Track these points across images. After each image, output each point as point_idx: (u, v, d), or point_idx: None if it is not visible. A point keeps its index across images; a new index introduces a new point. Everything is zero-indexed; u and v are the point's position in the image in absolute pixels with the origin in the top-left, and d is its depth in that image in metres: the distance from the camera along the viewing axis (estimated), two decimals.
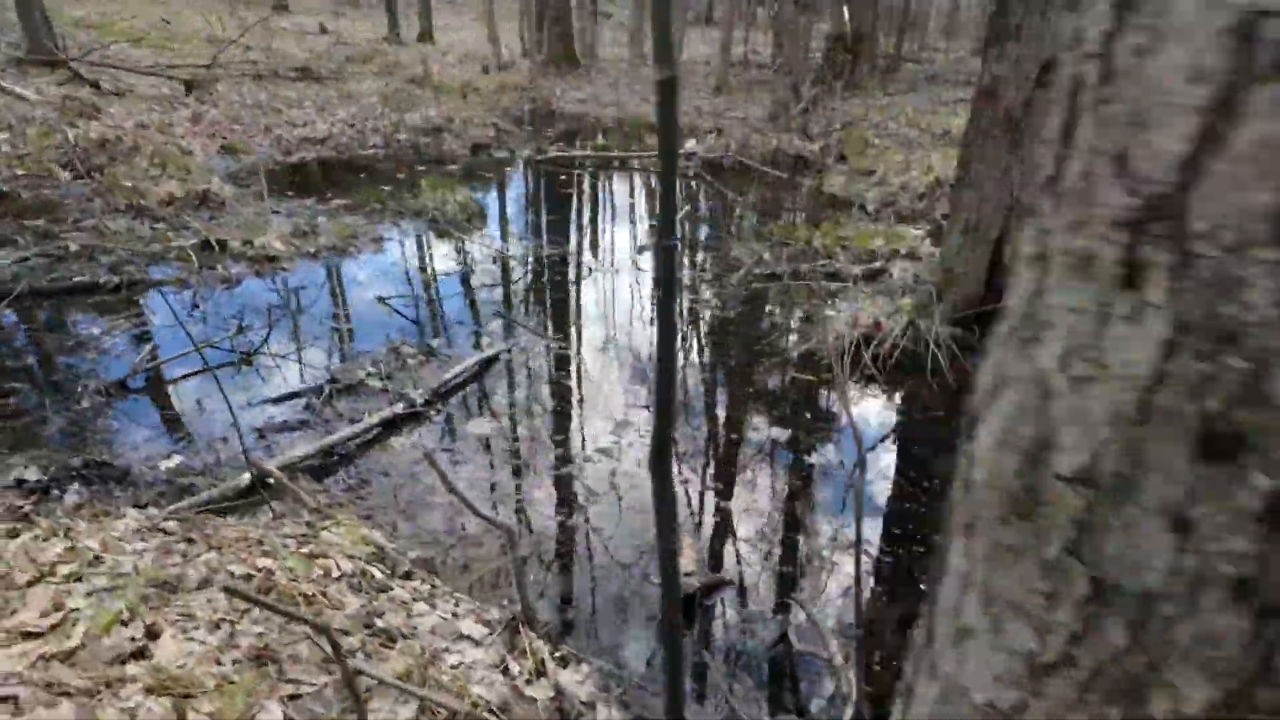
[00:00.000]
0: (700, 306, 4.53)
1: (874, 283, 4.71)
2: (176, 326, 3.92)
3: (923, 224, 6.14)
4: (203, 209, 6.04)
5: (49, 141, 7.44)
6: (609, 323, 4.25)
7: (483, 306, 4.36)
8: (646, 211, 6.67)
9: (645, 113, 12.12)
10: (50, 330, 3.87)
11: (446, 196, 5.90)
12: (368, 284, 4.61)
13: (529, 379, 3.52)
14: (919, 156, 7.33)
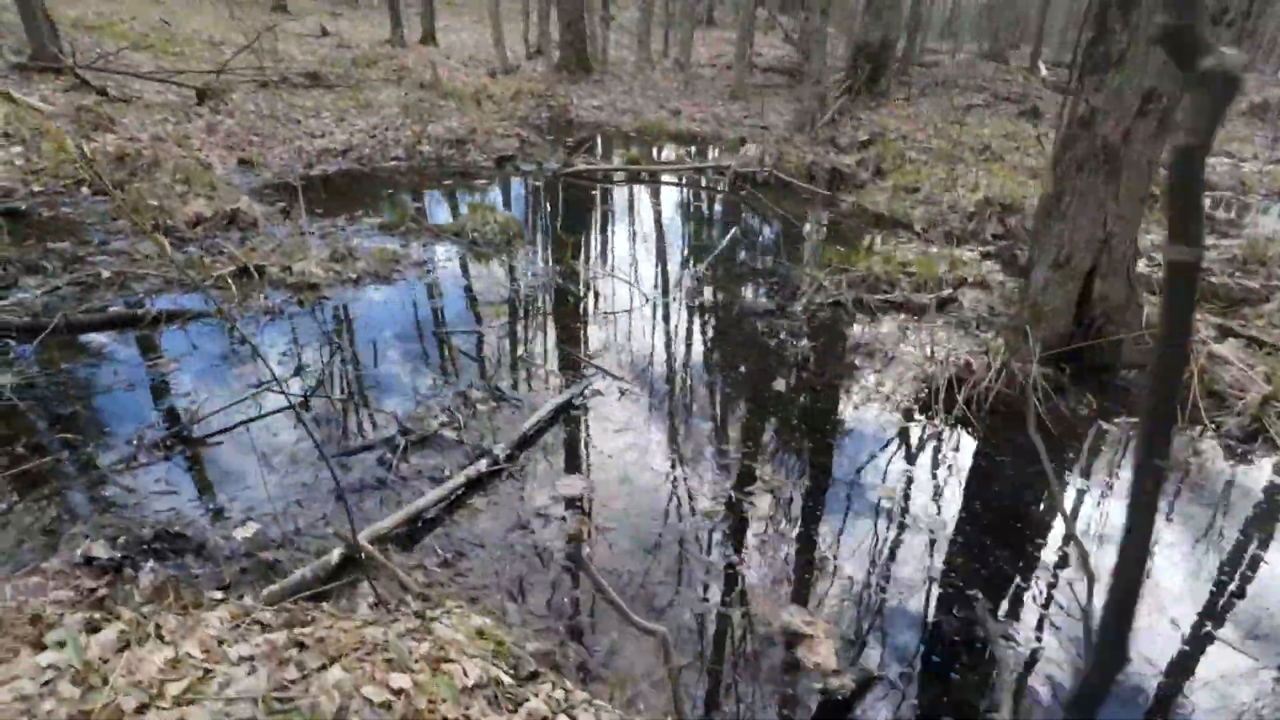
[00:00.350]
0: (769, 337, 4.35)
1: (944, 313, 4.53)
2: (224, 363, 3.72)
3: (974, 245, 5.98)
4: (232, 229, 5.82)
5: (64, 155, 7.20)
6: (681, 359, 4.05)
7: (542, 340, 4.15)
8: (690, 232, 6.48)
9: (662, 120, 11.93)
10: (91, 369, 3.65)
11: (486, 217, 5.70)
12: (419, 315, 4.40)
13: (606, 425, 3.33)
14: (962, 173, 7.16)
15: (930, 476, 3.10)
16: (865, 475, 3.07)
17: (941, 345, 3.98)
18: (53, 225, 5.79)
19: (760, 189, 7.80)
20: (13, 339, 3.93)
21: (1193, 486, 3.08)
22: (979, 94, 18.65)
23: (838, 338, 4.32)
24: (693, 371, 3.91)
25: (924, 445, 3.32)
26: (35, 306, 4.29)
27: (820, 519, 2.74)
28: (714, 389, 3.72)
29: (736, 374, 3.85)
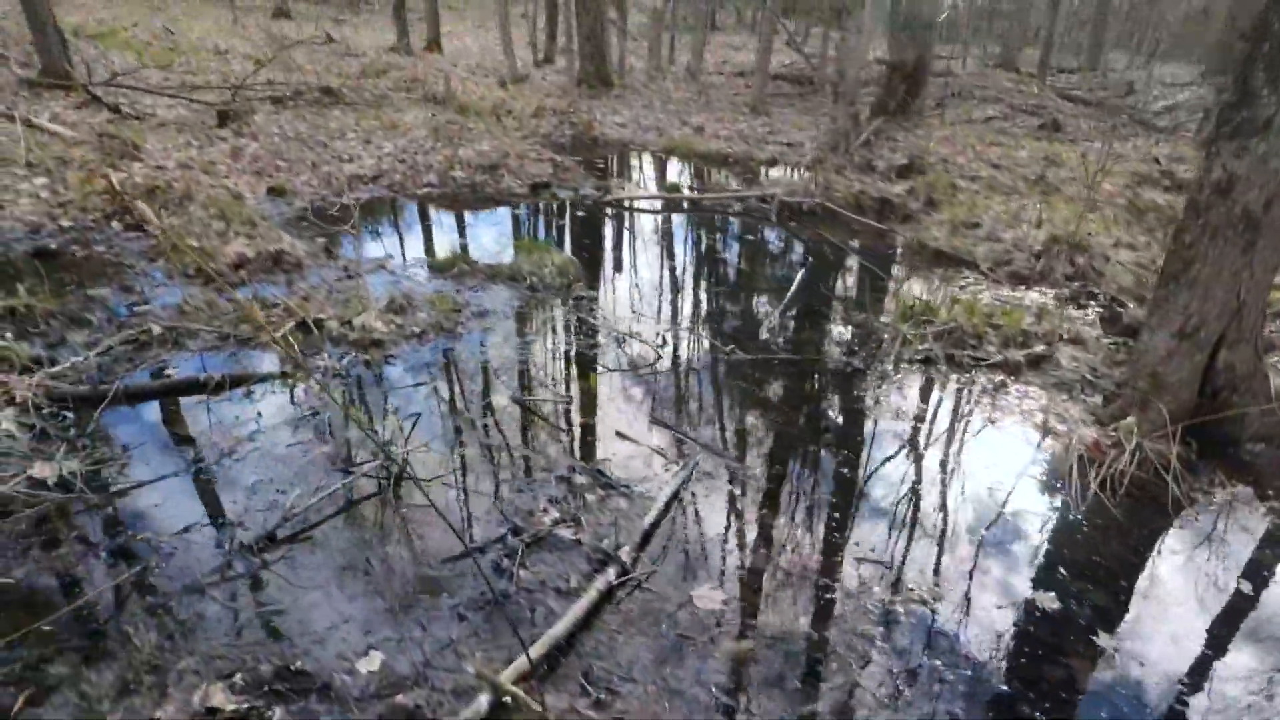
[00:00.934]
0: (863, 400, 4.14)
1: (1039, 371, 4.34)
2: (294, 433, 3.49)
3: (1045, 287, 5.80)
4: (277, 271, 5.59)
5: (91, 187, 6.95)
6: (780, 427, 3.84)
7: (634, 410, 3.93)
8: (752, 273, 6.26)
9: (688, 138, 11.72)
10: (157, 448, 3.41)
11: (543, 259, 5.47)
12: (491, 375, 4.17)
13: (722, 514, 3.11)
14: (1019, 205, 6.98)
15: (1090, 567, 2.89)
16: (1023, 569, 2.86)
17: (1055, 414, 3.78)
18: (89, 267, 5.54)
19: (807, 218, 7.60)
20: (69, 410, 3.69)
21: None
22: (994, 105, 18.55)
23: (939, 405, 4.12)
24: (794, 444, 3.69)
25: (1071, 536, 3.12)
26: (88, 368, 4.04)
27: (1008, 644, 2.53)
28: (820, 467, 3.51)
29: (843, 447, 3.64)
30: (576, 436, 3.57)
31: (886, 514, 3.15)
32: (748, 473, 3.34)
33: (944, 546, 2.96)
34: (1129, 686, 2.34)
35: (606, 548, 2.75)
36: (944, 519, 3.14)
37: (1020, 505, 3.24)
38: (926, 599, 2.60)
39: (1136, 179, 8.43)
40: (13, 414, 3.52)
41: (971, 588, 2.72)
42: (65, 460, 3.20)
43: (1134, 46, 39.61)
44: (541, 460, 3.37)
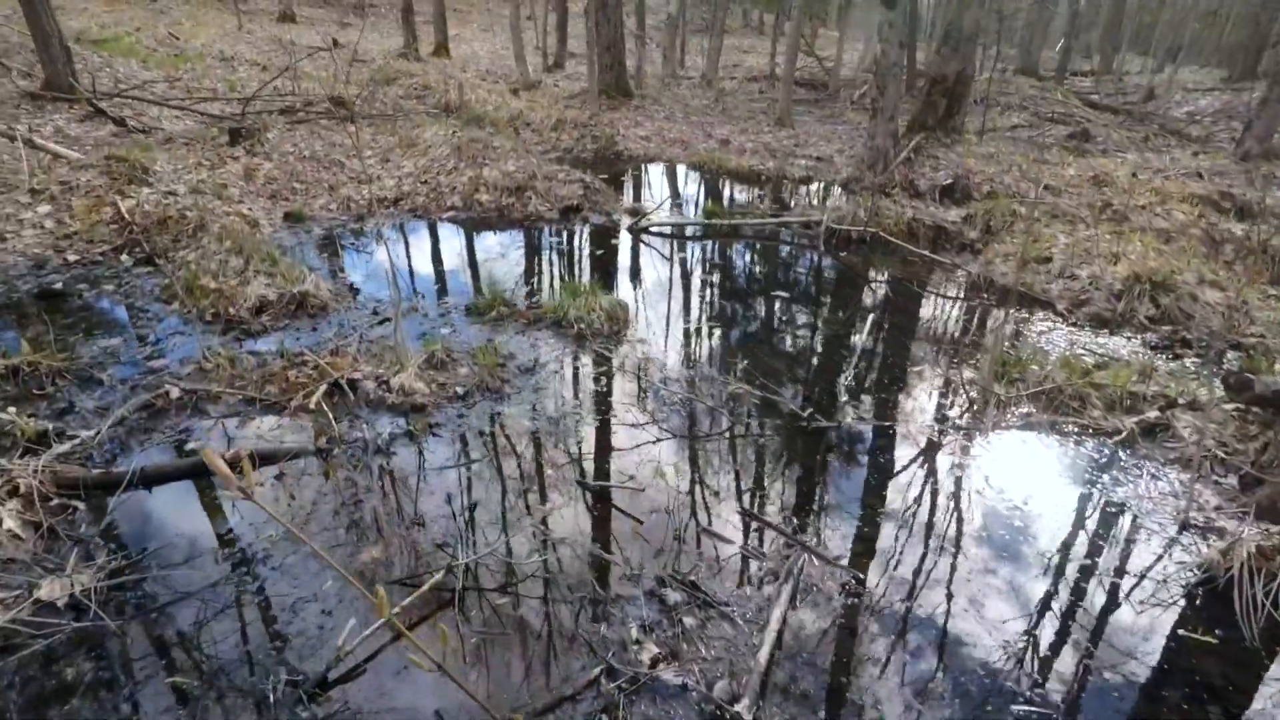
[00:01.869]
0: (965, 470, 3.71)
1: (1153, 442, 3.89)
2: (335, 520, 3.05)
3: (1130, 332, 5.36)
4: (301, 315, 5.15)
5: (98, 216, 6.51)
6: (879, 515, 3.40)
7: (715, 495, 3.49)
8: (812, 315, 5.80)
9: (714, 153, 11.28)
10: (181, 551, 2.97)
11: (590, 303, 5.03)
12: (549, 451, 3.73)
13: (849, 646, 2.67)
14: (1087, 235, 6.54)
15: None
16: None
17: (1184, 494, 3.34)
18: (98, 312, 5.10)
19: (857, 246, 7.16)
20: (80, 499, 3.25)
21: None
22: (1019, 113, 18.10)
23: (1052, 485, 3.68)
24: (894, 536, 3.26)
25: (1252, 673, 2.67)
26: (100, 442, 3.60)
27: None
28: (928, 570, 3.07)
29: (949, 540, 3.20)
30: (656, 533, 3.13)
31: (1018, 635, 2.71)
32: (857, 582, 2.90)
33: (1093, 677, 2.51)
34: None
35: (721, 696, 2.31)
36: (1091, 641, 2.70)
37: (1169, 621, 2.80)
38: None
39: (1198, 201, 7.98)
40: (16, 509, 3.08)
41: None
42: (78, 573, 2.76)
43: (1150, 48, 39.18)
44: (623, 567, 2.93)
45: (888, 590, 2.88)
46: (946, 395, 4.40)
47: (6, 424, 3.51)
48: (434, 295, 5.70)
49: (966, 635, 2.69)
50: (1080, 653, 2.66)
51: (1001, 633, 2.71)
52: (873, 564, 3.03)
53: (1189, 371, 4.65)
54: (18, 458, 3.39)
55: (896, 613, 2.77)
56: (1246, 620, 2.73)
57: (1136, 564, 3.12)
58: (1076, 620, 2.81)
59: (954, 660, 2.57)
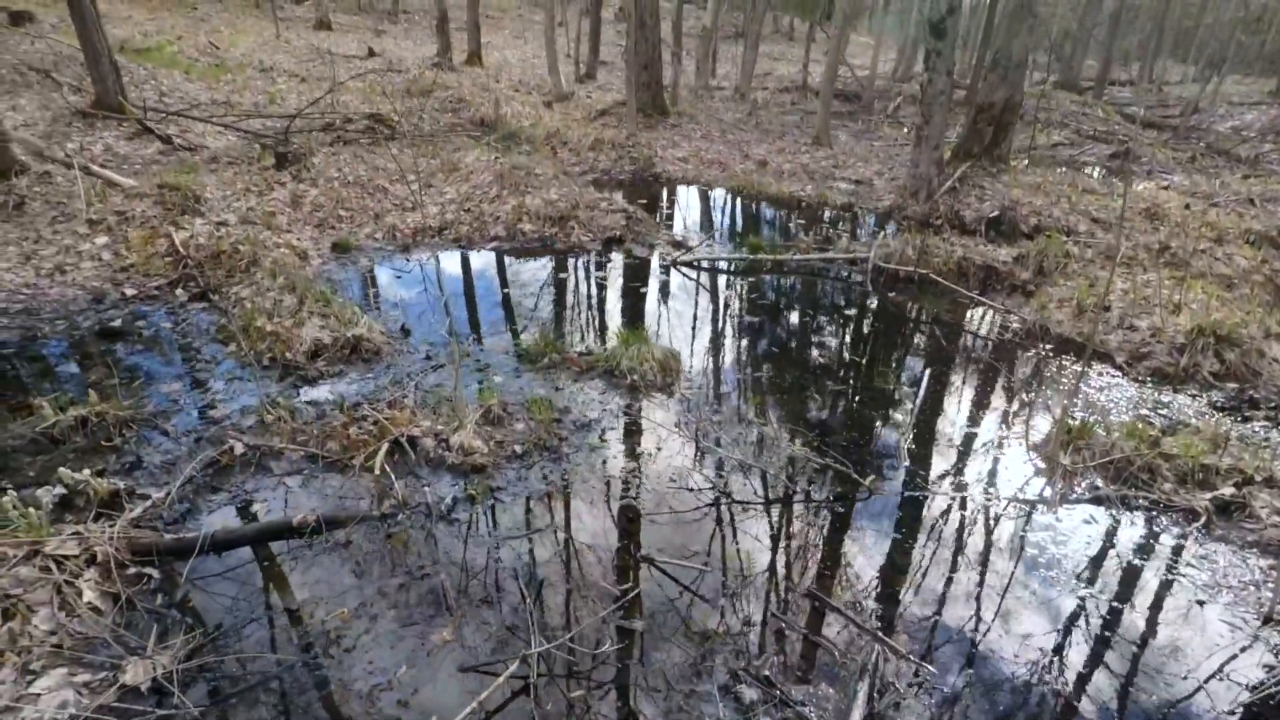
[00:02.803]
0: (1033, 548, 3.64)
1: (1229, 522, 3.79)
2: (416, 621, 3.05)
3: (1195, 390, 5.22)
4: (355, 360, 5.19)
5: (154, 249, 6.62)
6: (967, 612, 3.33)
7: (784, 576, 3.45)
8: (864, 363, 5.73)
9: (752, 176, 11.21)
10: (262, 630, 3.00)
11: (642, 353, 5.02)
12: (611, 521, 3.72)
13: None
14: (1144, 280, 6.39)
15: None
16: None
17: (1278, 595, 3.24)
18: (158, 350, 5.17)
19: (904, 285, 7.06)
20: (154, 568, 3.30)
21: None
22: (1060, 130, 17.80)
23: (1124, 567, 3.59)
24: (973, 628, 3.20)
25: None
26: (169, 502, 3.65)
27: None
28: (1009, 669, 3.01)
29: (1037, 636, 3.14)
30: (727, 619, 3.10)
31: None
32: (934, 678, 2.84)
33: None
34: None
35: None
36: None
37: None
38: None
39: (1256, 237, 7.77)
40: (95, 579, 3.13)
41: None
42: (158, 654, 2.80)
43: (1190, 55, 38.32)
44: (694, 653, 2.90)
45: (958, 683, 2.82)
46: (1011, 463, 4.32)
47: (81, 484, 3.56)
48: (484, 335, 5.71)
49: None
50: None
51: (1062, 716, 2.65)
52: (943, 651, 2.97)
53: (1261, 440, 4.52)
54: (92, 521, 3.45)
55: (971, 709, 2.72)
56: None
57: (1214, 663, 3.03)
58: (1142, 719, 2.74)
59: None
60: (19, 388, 4.64)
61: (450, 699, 2.67)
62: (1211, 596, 3.37)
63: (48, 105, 11.34)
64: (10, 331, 5.33)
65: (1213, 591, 3.40)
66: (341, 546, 3.47)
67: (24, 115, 10.66)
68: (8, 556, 3.06)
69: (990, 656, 3.00)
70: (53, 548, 3.13)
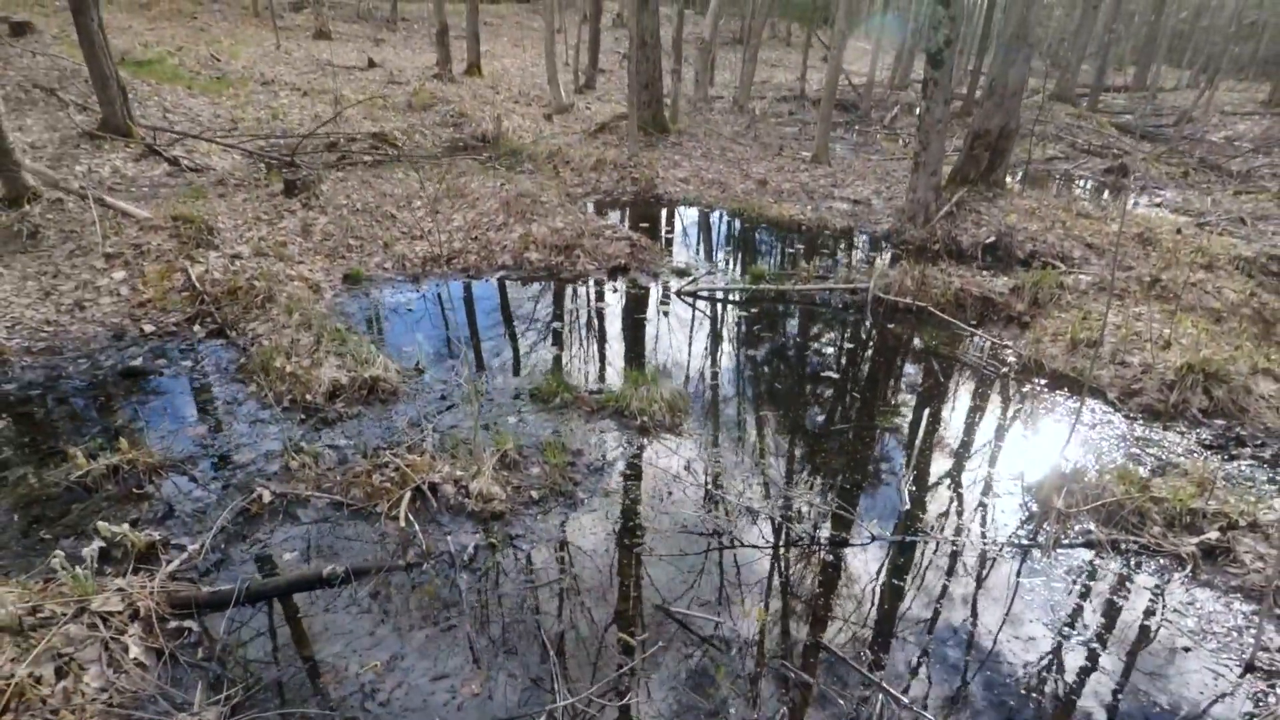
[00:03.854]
0: (1026, 592, 3.83)
1: (1214, 566, 3.98)
2: (446, 674, 3.23)
3: (1183, 427, 5.42)
4: (373, 401, 5.36)
5: (170, 283, 6.78)
6: (964, 663, 3.52)
7: (796, 625, 3.64)
8: (868, 400, 5.91)
9: (752, 198, 11.38)
10: (298, 685, 3.16)
11: (652, 393, 5.19)
12: (627, 571, 3.89)
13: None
14: (1134, 313, 6.59)
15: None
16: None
17: (1260, 641, 3.44)
18: (178, 393, 5.33)
19: (903, 316, 7.25)
20: (193, 621, 3.46)
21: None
22: (1055, 144, 18.02)
23: (1113, 611, 3.78)
24: (963, 671, 3.38)
25: None
26: (203, 553, 3.82)
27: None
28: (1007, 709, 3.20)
29: (1029, 677, 3.33)
30: (740, 666, 3.28)
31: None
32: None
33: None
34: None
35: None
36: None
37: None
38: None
39: (1245, 264, 7.99)
40: (139, 634, 3.30)
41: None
42: (205, 710, 2.96)
43: (1184, 60, 38.62)
44: (710, 702, 3.08)
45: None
46: (1007, 506, 4.51)
47: (119, 537, 3.72)
48: (495, 371, 5.89)
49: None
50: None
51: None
52: (943, 694, 3.16)
53: (1246, 479, 4.71)
54: (131, 574, 3.61)
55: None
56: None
57: (1196, 710, 3.22)
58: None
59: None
60: (49, 432, 4.80)
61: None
62: (1196, 643, 3.55)
63: (55, 126, 11.49)
64: (36, 371, 5.49)
65: (1197, 637, 3.59)
66: (370, 597, 3.63)
67: (32, 136, 10.81)
68: (57, 615, 3.22)
69: (988, 701, 3.18)
70: (98, 605, 3.30)
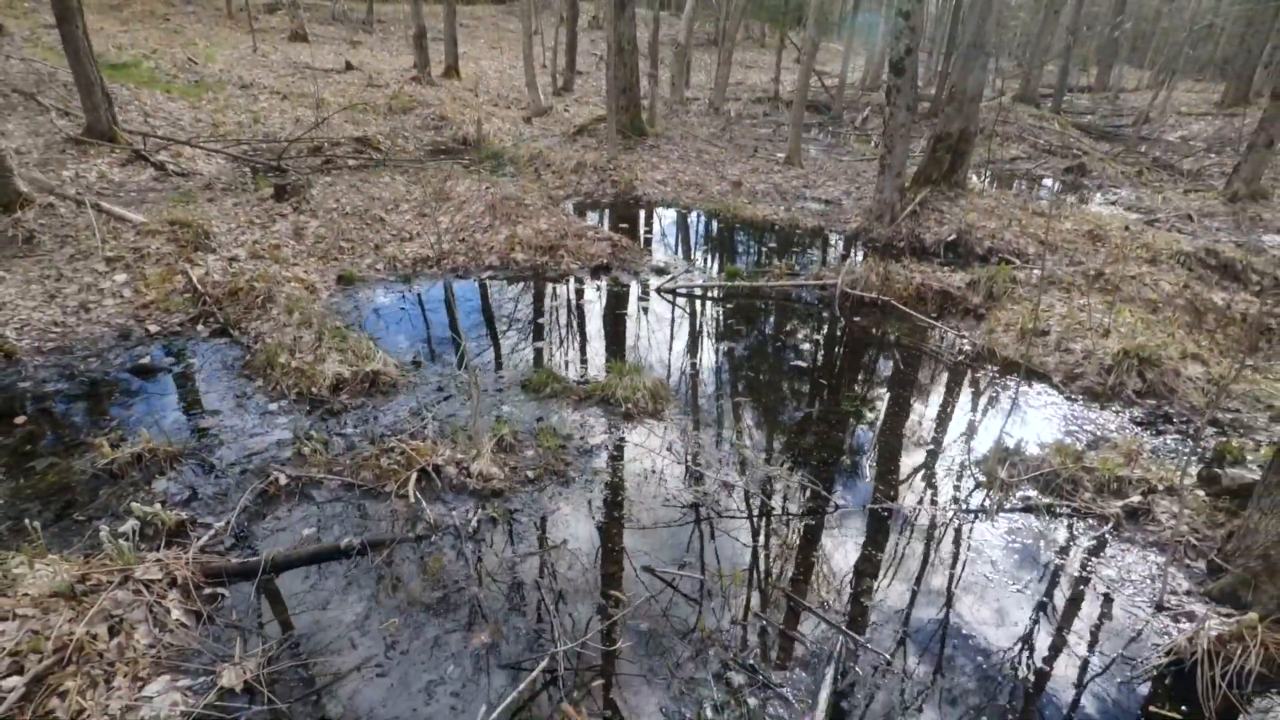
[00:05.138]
0: (970, 550, 4.32)
1: (1136, 525, 4.51)
2: (456, 628, 3.63)
3: (1119, 406, 5.97)
4: (375, 393, 5.73)
5: (171, 285, 7.09)
6: (916, 602, 4.00)
7: (764, 581, 4.09)
8: (845, 387, 6.40)
9: (727, 199, 11.85)
10: (327, 638, 3.54)
11: (635, 383, 5.63)
12: (615, 537, 4.33)
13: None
14: (1081, 304, 7.15)
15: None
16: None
17: (1167, 587, 3.96)
18: (190, 387, 5.67)
19: (868, 310, 7.76)
20: (224, 588, 3.83)
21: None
22: (1018, 144, 18.75)
23: (1045, 565, 4.29)
24: (916, 614, 3.86)
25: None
26: (230, 530, 4.19)
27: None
28: (954, 649, 3.68)
29: (973, 621, 3.82)
30: (717, 617, 3.72)
31: (1010, 694, 3.33)
32: (889, 663, 3.50)
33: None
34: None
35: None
36: (1071, 711, 3.32)
37: (1141, 697, 3.41)
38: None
39: (1185, 258, 8.61)
40: (178, 599, 3.66)
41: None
42: (246, 660, 3.34)
43: (1146, 60, 39.88)
44: (689, 648, 3.52)
45: (910, 665, 3.49)
46: (958, 477, 5.01)
47: (151, 516, 4.08)
48: (486, 364, 6.28)
49: (969, 701, 3.30)
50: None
51: (995, 692, 3.32)
52: (894, 638, 3.63)
53: (1170, 451, 5.26)
54: (164, 548, 3.97)
55: (918, 685, 3.38)
56: (1206, 700, 3.34)
57: (1116, 643, 3.73)
58: (1062, 692, 3.42)
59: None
60: (71, 426, 5.11)
61: (493, 691, 3.25)
62: (1115, 589, 4.07)
63: (37, 131, 11.63)
64: (49, 370, 5.78)
65: (1117, 584, 4.10)
66: (384, 565, 4.03)
67: (16, 142, 10.96)
68: (103, 583, 3.58)
69: (935, 641, 3.67)
70: (140, 573, 3.66)
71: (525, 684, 3.25)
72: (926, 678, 3.46)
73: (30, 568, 3.51)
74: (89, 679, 3.08)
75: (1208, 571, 4.10)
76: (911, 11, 8.94)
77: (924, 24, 17.91)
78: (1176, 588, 4.01)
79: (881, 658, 3.54)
